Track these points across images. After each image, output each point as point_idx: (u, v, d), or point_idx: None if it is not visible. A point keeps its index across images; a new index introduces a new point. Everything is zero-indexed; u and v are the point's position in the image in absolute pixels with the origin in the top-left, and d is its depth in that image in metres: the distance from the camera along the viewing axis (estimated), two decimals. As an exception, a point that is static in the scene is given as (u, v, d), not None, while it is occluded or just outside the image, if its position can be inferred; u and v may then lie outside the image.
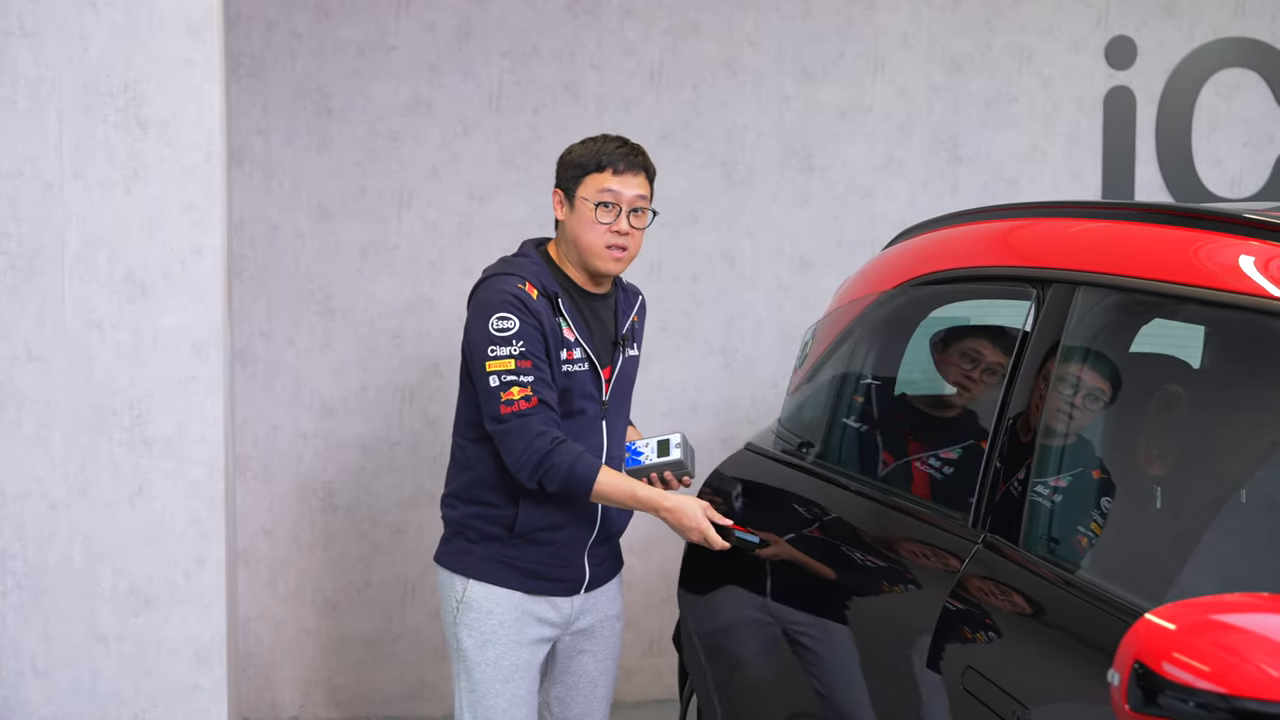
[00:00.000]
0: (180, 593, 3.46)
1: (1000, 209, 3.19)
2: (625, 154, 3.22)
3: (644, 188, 3.23)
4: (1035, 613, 2.34)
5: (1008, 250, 2.98)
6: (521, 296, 3.13)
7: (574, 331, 3.18)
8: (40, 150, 3.35)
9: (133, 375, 3.41)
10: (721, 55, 4.96)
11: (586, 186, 3.19)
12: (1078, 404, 2.54)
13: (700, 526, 3.10)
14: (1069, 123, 5.11)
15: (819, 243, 5.03)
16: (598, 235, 3.17)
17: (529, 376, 3.09)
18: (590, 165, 3.19)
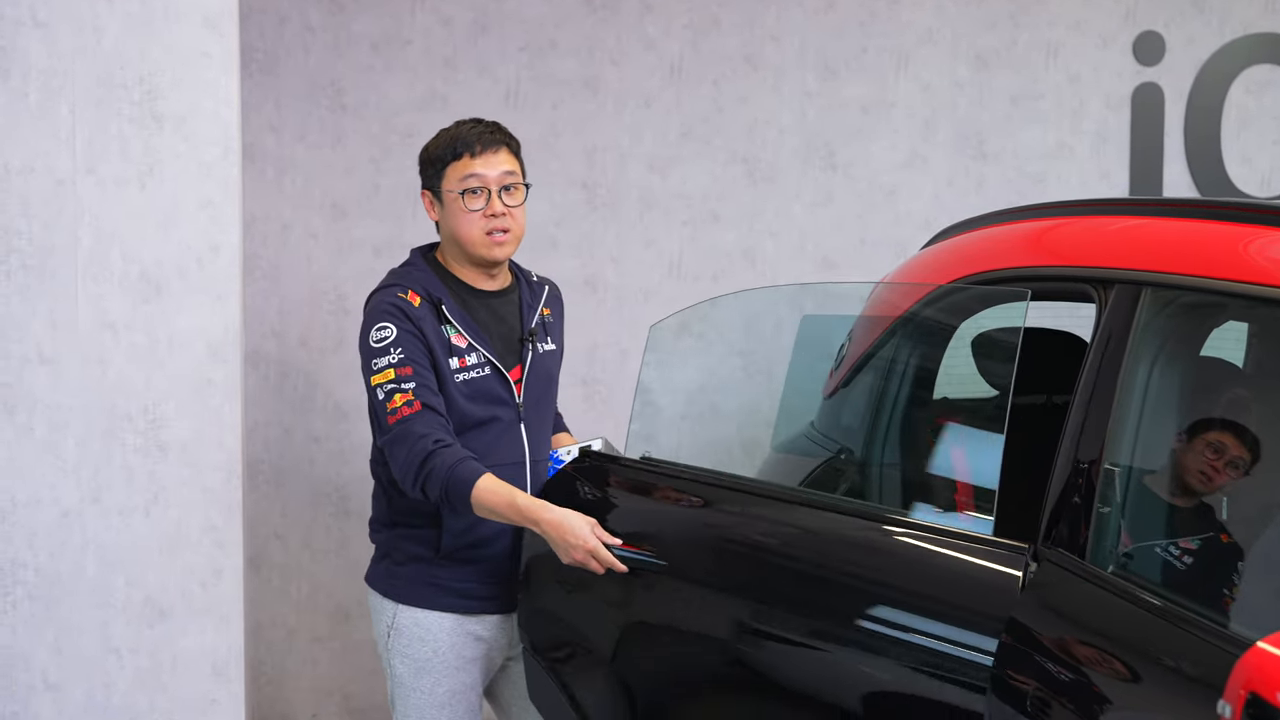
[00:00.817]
0: (196, 603, 3.33)
1: (1051, 206, 3.07)
2: (481, 133, 3.06)
3: (510, 163, 3.07)
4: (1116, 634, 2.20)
5: (1066, 249, 2.85)
6: (401, 305, 2.99)
7: (466, 336, 3.02)
8: (52, 145, 3.22)
9: (148, 378, 3.28)
10: (743, 50, 4.83)
11: (449, 178, 3.04)
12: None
13: (587, 544, 2.82)
14: (1096, 119, 4.98)
15: (842, 241, 4.90)
16: (473, 224, 3.02)
17: (410, 383, 2.93)
18: (448, 155, 3.05)
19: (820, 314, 3.43)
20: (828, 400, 3.44)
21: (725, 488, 2.95)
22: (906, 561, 2.57)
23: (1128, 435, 2.37)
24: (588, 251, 4.76)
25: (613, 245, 4.79)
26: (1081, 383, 2.49)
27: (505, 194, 3.05)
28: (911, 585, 2.53)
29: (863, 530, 2.70)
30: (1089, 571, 2.27)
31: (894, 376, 3.21)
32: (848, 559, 2.67)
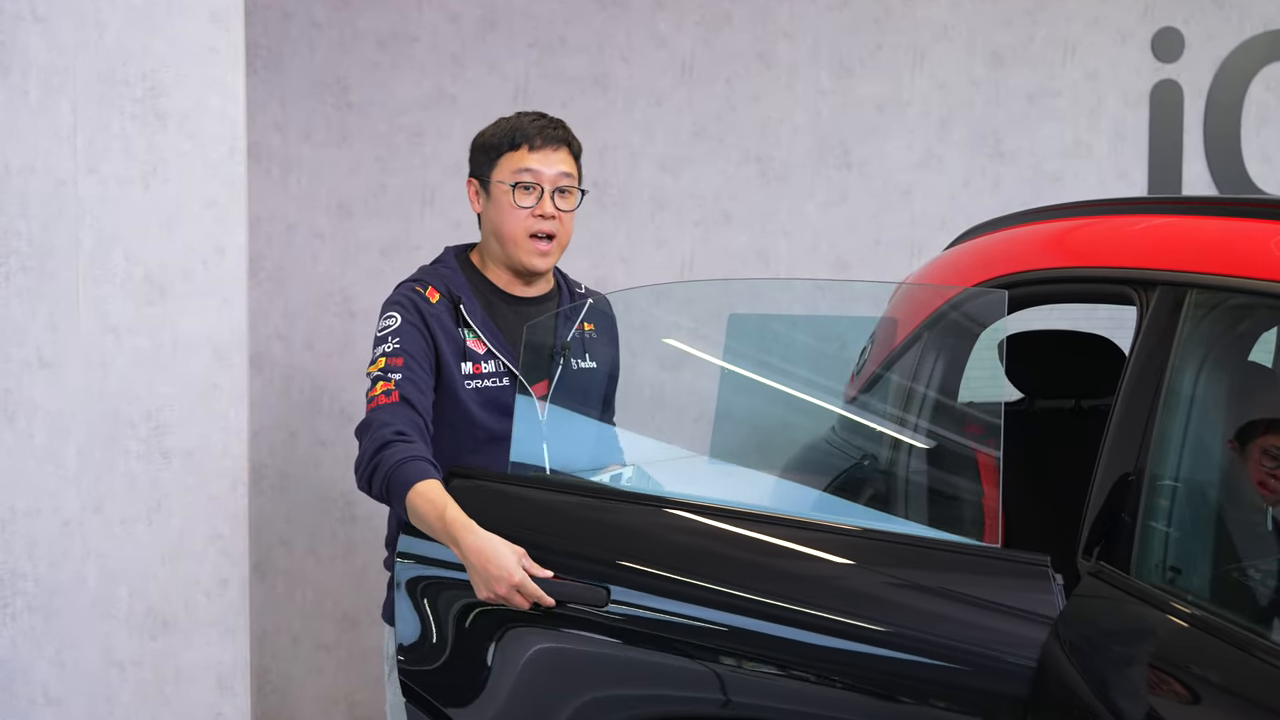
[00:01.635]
0: (201, 615, 3.21)
1: (1081, 205, 2.96)
2: (542, 127, 2.86)
3: (568, 164, 2.88)
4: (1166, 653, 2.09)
5: (1101, 250, 2.74)
6: (414, 298, 2.82)
7: (485, 342, 2.83)
8: (53, 144, 3.10)
9: (151, 383, 3.16)
10: (755, 47, 4.72)
11: (501, 168, 2.85)
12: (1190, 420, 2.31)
13: (513, 578, 2.47)
14: (1114, 117, 4.87)
15: (856, 242, 4.79)
16: (518, 222, 2.83)
17: (396, 374, 2.72)
18: (504, 144, 2.85)
19: (749, 313, 3.21)
20: (848, 405, 3.34)
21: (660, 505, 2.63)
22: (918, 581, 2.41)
23: (1174, 443, 2.26)
24: (598, 252, 4.65)
25: (623, 246, 4.68)
26: (1124, 388, 2.37)
27: (559, 196, 2.86)
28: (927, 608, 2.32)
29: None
30: (1135, 587, 2.16)
31: (918, 380, 3.10)
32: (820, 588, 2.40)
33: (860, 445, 3.13)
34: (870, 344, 3.37)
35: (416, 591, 2.68)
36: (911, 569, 2.36)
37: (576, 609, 2.50)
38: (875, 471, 2.99)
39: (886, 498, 2.91)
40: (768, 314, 3.12)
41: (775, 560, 2.45)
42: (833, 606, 2.34)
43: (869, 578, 2.37)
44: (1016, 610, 2.24)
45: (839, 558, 2.43)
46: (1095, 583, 2.25)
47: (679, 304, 3.14)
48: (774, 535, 2.47)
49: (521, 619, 2.54)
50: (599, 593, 2.48)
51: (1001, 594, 2.28)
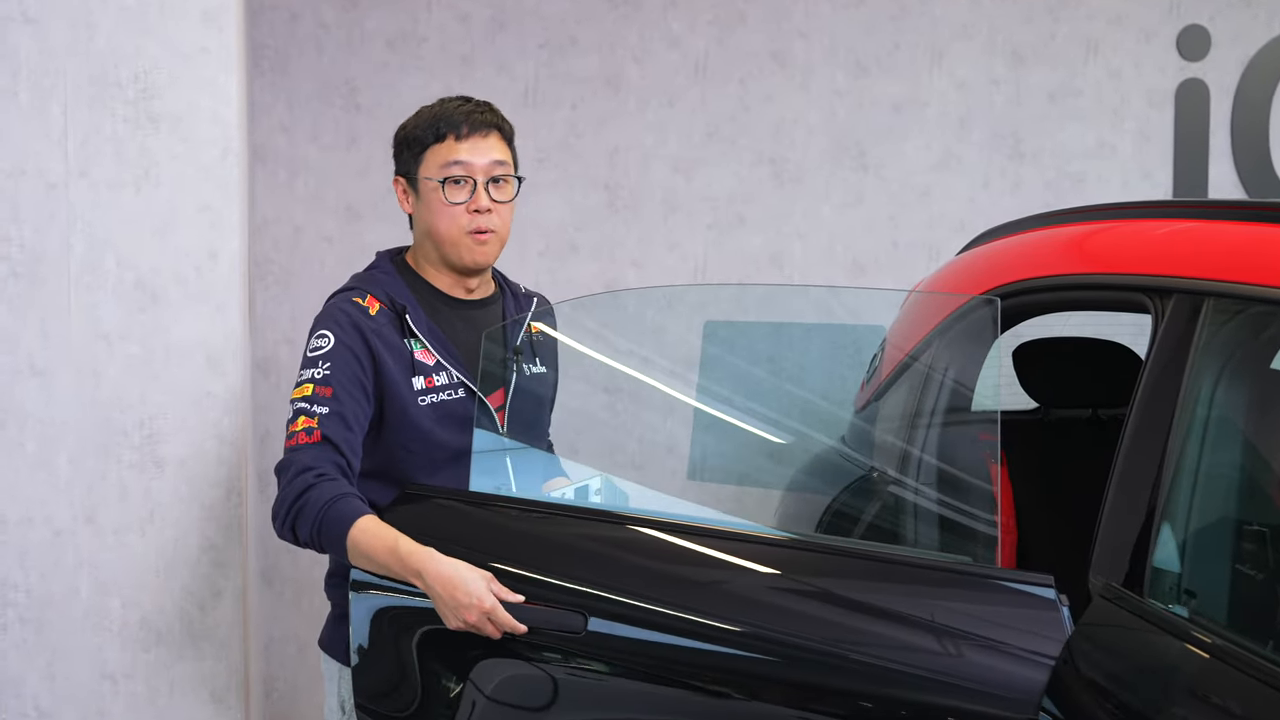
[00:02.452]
0: (195, 627, 3.13)
1: (1097, 209, 2.85)
2: (469, 112, 2.62)
3: (500, 150, 2.63)
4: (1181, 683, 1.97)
5: (1115, 256, 2.63)
6: (351, 312, 2.57)
7: (433, 352, 2.60)
8: (43, 147, 3.02)
9: (143, 391, 3.08)
10: (769, 47, 4.62)
11: (428, 163, 2.62)
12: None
13: (483, 604, 2.30)
14: (1138, 117, 4.75)
15: (873, 245, 4.68)
16: (453, 220, 2.60)
17: (322, 407, 2.48)
18: (428, 136, 2.62)
19: (724, 319, 3.04)
20: (858, 415, 3.23)
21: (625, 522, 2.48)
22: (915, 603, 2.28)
23: (1191, 457, 2.15)
24: (608, 255, 4.56)
25: (635, 249, 4.58)
26: (1138, 399, 2.26)
27: (493, 186, 2.62)
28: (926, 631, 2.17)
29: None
30: (1149, 611, 2.04)
31: (929, 389, 2.99)
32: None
33: (865, 457, 3.03)
34: (881, 352, 3.26)
35: (379, 625, 2.53)
36: (904, 593, 2.23)
37: (552, 637, 2.38)
38: (880, 485, 2.89)
39: (893, 512, 2.81)
40: (746, 321, 3.00)
41: (758, 583, 2.33)
42: (817, 634, 2.23)
43: (858, 603, 2.25)
44: (1017, 638, 2.13)
45: (826, 579, 2.32)
46: (1106, 606, 2.14)
47: (650, 309, 3.02)
48: (757, 556, 2.36)
49: (497, 649, 2.41)
50: (575, 619, 2.36)
51: (1002, 619, 2.16)
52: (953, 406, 2.92)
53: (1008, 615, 2.18)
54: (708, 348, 2.83)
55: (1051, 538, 3.25)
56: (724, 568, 2.38)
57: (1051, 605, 2.15)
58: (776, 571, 2.35)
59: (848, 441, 3.16)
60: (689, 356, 2.81)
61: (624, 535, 2.46)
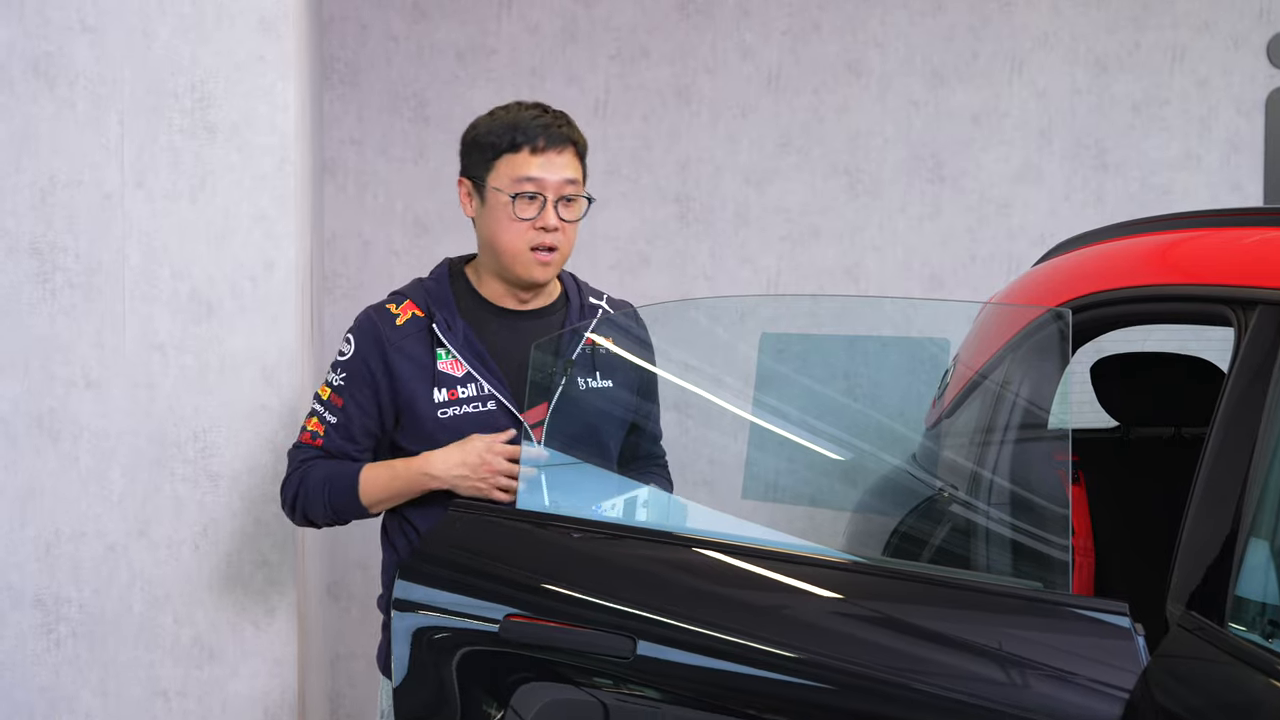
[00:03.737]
0: (249, 644, 3.05)
1: (1180, 217, 2.69)
2: (546, 125, 2.49)
3: (573, 169, 2.51)
4: None
5: (1197, 266, 2.47)
6: (375, 321, 2.54)
7: (463, 363, 2.50)
8: (100, 157, 2.97)
9: (198, 404, 3.01)
10: (845, 57, 4.49)
11: (499, 173, 2.49)
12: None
13: (491, 466, 2.41)
14: (1226, 127, 4.55)
15: (951, 258, 4.52)
16: (518, 235, 2.48)
17: (333, 417, 2.52)
18: (502, 143, 2.49)
19: (781, 331, 2.88)
20: (929, 432, 3.09)
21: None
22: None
23: (1277, 476, 1.99)
24: (680, 269, 4.44)
25: (707, 263, 4.47)
26: (1219, 416, 2.11)
27: (563, 205, 2.51)
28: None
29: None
30: (1232, 644, 1.89)
31: (1002, 406, 2.84)
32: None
33: (935, 476, 2.88)
34: (952, 367, 3.12)
35: (420, 645, 2.44)
36: (970, 620, 2.09)
37: (599, 661, 2.26)
38: (950, 506, 2.74)
39: (962, 534, 2.66)
40: (804, 333, 2.85)
41: (818, 607, 2.20)
42: (879, 662, 2.09)
43: (921, 629, 2.11)
44: (1089, 669, 1.97)
45: (889, 604, 2.18)
46: (1185, 636, 1.99)
47: (708, 320, 2.87)
48: (817, 579, 2.22)
49: (541, 673, 2.29)
50: (623, 642, 2.25)
51: (1073, 649, 2.01)
52: (1026, 424, 2.77)
53: (1079, 644, 2.03)
54: (765, 361, 2.69)
55: (1131, 563, 3.08)
56: (781, 591, 2.24)
57: (1126, 634, 1.99)
58: (837, 595, 2.22)
59: (918, 460, 3.02)
60: (746, 369, 2.69)
61: (675, 556, 2.34)
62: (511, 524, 2.46)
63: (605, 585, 2.31)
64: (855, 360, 2.80)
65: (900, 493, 2.91)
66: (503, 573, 2.37)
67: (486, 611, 2.35)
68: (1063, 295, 2.73)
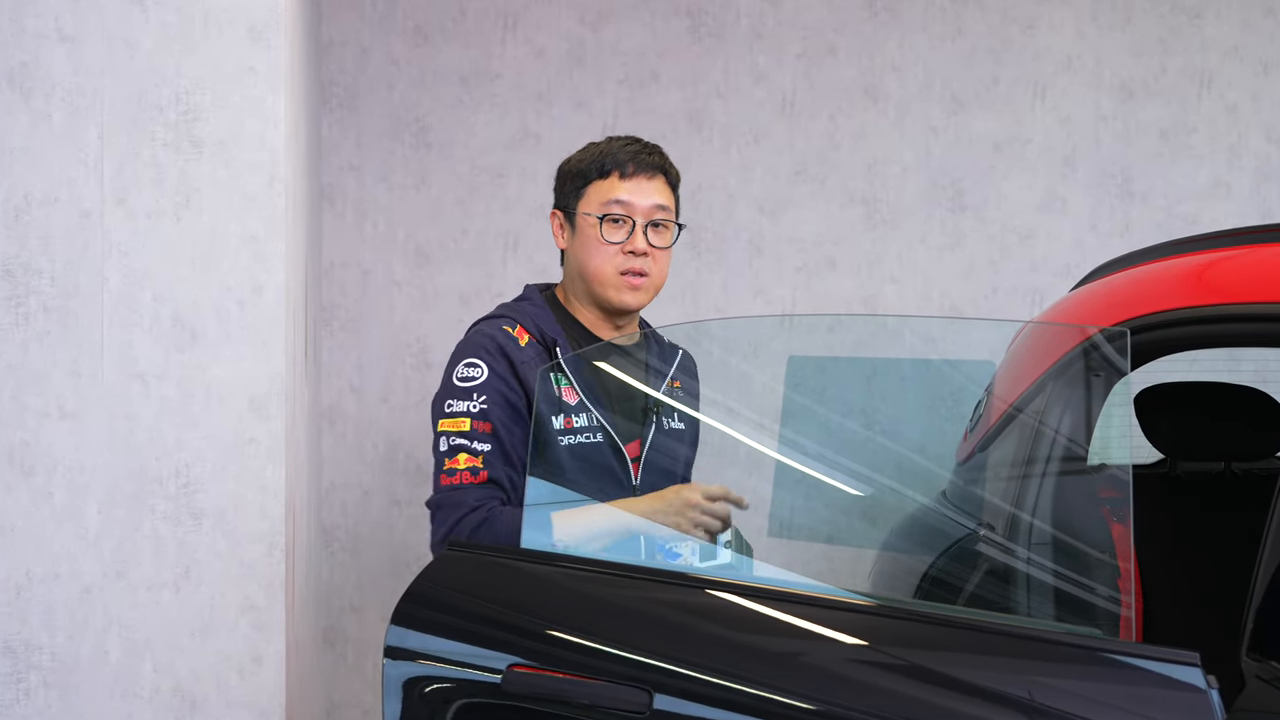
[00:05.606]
0: (233, 694, 2.81)
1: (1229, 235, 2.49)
2: (636, 152, 2.51)
3: (664, 195, 2.52)
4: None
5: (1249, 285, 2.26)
6: (502, 341, 2.44)
7: (578, 391, 2.43)
8: (78, 172, 2.75)
9: (180, 437, 2.79)
10: (861, 81, 4.29)
11: (589, 199, 2.49)
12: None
13: (693, 501, 2.28)
14: (1257, 155, 4.35)
15: (972, 290, 4.31)
16: (607, 259, 2.47)
17: (485, 444, 2.37)
18: (592, 171, 2.49)
19: (810, 355, 2.71)
20: (961, 466, 2.85)
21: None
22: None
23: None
24: (691, 301, 4.23)
25: (719, 294, 4.25)
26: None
27: (652, 230, 2.49)
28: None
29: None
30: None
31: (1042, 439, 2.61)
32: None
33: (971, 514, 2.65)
34: (986, 397, 2.89)
35: (414, 697, 2.21)
36: (1017, 671, 1.85)
37: (611, 715, 2.02)
38: (987, 547, 2.51)
39: (1001, 578, 2.43)
40: (833, 356, 2.65)
41: (846, 656, 1.97)
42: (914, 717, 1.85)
43: (961, 682, 1.87)
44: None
45: (924, 653, 1.94)
46: (1265, 690, 1.76)
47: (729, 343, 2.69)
48: (845, 625, 1.99)
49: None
50: (638, 695, 2.01)
51: (1137, 706, 1.77)
52: (1069, 458, 2.54)
53: (1144, 701, 1.80)
54: (791, 387, 2.48)
55: (1180, 607, 2.85)
56: (807, 638, 2.01)
57: (1198, 691, 1.75)
58: (866, 643, 1.98)
59: (949, 498, 2.78)
60: (769, 396, 2.47)
61: (694, 600, 2.11)
62: (514, 564, 2.23)
63: (617, 632, 2.08)
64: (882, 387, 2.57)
65: (930, 533, 2.68)
66: (505, 618, 2.15)
67: (487, 661, 2.13)
68: (1105, 320, 2.52)
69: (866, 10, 4.28)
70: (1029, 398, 2.66)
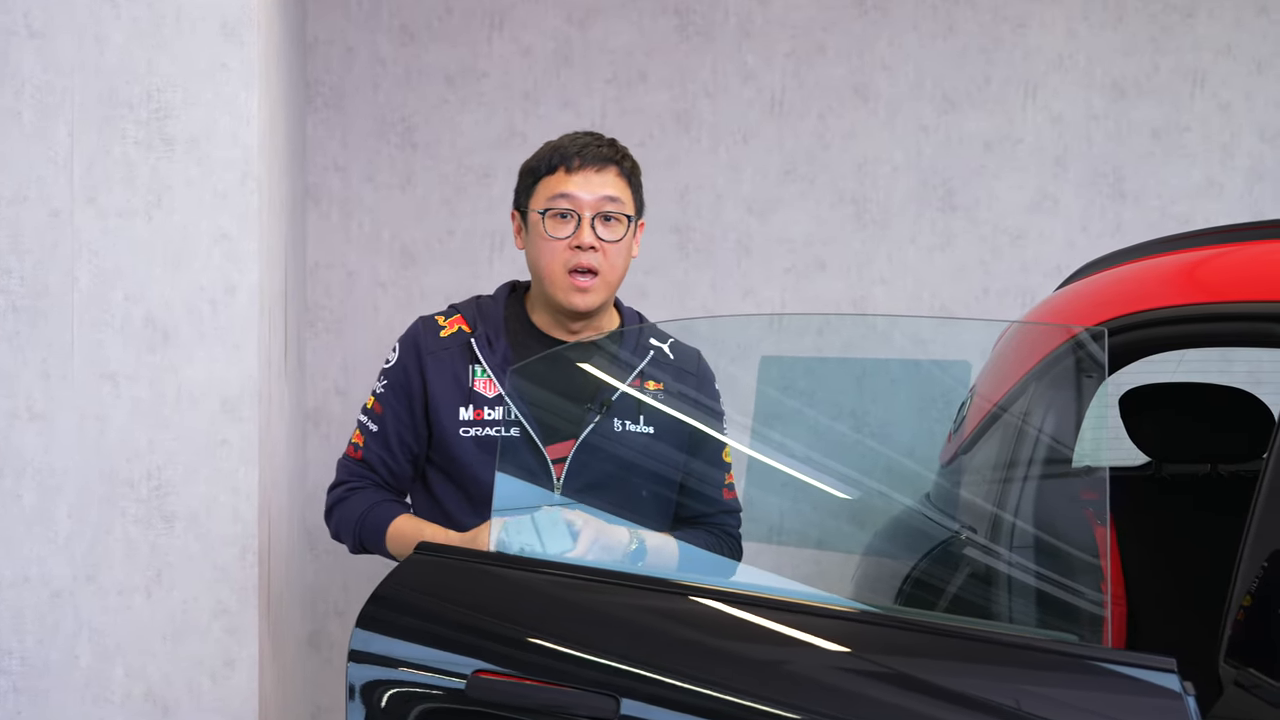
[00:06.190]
0: (205, 699, 2.77)
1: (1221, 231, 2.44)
2: (584, 145, 2.41)
3: (615, 186, 2.40)
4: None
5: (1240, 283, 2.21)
6: (420, 331, 2.48)
7: (498, 385, 2.38)
8: (48, 171, 2.71)
9: (152, 438, 2.74)
10: (851, 80, 4.23)
11: (538, 195, 2.41)
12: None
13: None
14: (1250, 154, 4.29)
15: (962, 291, 4.25)
16: (554, 256, 2.37)
17: (374, 426, 2.45)
18: (542, 168, 2.41)
19: (781, 354, 2.62)
20: (945, 469, 2.80)
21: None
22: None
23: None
24: (679, 301, 4.17)
25: (707, 295, 4.20)
26: (1276, 450, 1.83)
27: (601, 224, 2.38)
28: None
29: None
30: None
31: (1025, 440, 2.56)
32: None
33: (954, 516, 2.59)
34: (970, 399, 2.83)
35: (375, 702, 2.16)
36: (994, 677, 1.80)
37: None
38: (969, 550, 2.45)
39: (983, 581, 2.37)
40: (807, 356, 2.57)
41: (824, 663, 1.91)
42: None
43: (939, 688, 1.82)
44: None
45: (903, 659, 1.89)
46: (1242, 696, 1.71)
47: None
48: (823, 631, 1.93)
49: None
50: (605, 701, 1.96)
51: (1113, 711, 1.72)
52: (1052, 459, 2.49)
53: (1120, 706, 1.75)
54: (764, 387, 2.42)
55: (1165, 611, 2.80)
56: (782, 643, 1.95)
57: (1174, 695, 1.70)
58: (846, 649, 1.93)
59: (932, 500, 2.73)
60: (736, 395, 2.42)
61: (664, 604, 2.05)
62: (483, 568, 2.18)
63: (584, 636, 2.03)
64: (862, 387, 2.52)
65: (913, 536, 2.63)
66: (471, 621, 2.09)
67: (451, 665, 2.07)
68: (1090, 319, 2.46)
69: (856, 8, 4.23)
70: (1012, 399, 2.61)
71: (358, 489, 2.45)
